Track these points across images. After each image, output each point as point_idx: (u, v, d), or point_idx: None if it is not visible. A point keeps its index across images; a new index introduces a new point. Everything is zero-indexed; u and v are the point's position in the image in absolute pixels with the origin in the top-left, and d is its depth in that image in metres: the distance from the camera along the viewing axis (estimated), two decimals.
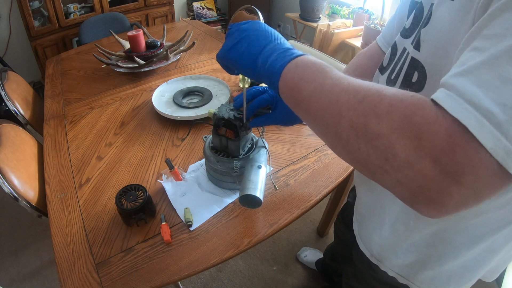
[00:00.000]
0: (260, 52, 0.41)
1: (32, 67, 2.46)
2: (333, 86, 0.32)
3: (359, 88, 0.30)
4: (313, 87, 0.34)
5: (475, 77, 0.24)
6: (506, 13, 0.24)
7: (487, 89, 0.23)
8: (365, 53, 0.63)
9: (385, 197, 0.51)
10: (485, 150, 0.23)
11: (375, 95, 0.28)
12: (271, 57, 0.40)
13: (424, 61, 0.38)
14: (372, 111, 0.27)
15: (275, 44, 0.41)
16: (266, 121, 0.59)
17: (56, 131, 1.00)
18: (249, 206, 0.66)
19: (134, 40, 1.26)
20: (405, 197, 0.28)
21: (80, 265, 0.62)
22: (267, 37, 0.42)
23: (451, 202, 0.25)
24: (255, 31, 0.43)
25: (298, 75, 0.36)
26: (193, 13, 3.14)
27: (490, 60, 0.24)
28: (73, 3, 2.32)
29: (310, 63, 0.36)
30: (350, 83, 0.31)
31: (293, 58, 0.38)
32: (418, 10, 0.43)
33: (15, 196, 0.76)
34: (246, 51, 0.42)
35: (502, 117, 0.22)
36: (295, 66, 0.37)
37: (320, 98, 0.33)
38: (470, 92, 0.24)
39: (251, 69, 0.43)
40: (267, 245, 1.48)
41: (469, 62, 0.25)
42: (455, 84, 0.25)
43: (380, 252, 0.56)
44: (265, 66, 0.40)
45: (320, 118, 0.33)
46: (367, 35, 2.06)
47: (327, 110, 0.32)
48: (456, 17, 0.33)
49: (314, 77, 0.34)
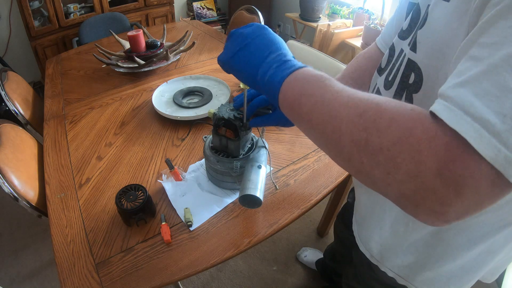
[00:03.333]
0: (260, 65, 0.40)
1: (32, 67, 2.46)
2: (332, 101, 0.32)
3: (358, 103, 0.30)
4: (314, 102, 0.33)
5: (473, 87, 0.24)
6: (503, 20, 0.24)
7: (485, 99, 0.23)
8: (364, 54, 0.63)
9: (384, 198, 0.51)
10: (485, 161, 0.23)
11: (375, 109, 0.28)
12: (270, 71, 0.39)
13: (420, 62, 0.38)
14: (373, 126, 0.28)
15: (275, 55, 0.40)
16: (266, 121, 0.58)
17: (56, 131, 1.00)
18: (249, 206, 0.66)
19: (134, 40, 1.26)
20: (408, 208, 0.28)
21: (80, 265, 0.62)
22: (268, 47, 0.41)
23: (452, 212, 0.25)
24: (257, 39, 0.42)
25: (298, 90, 0.35)
26: (193, 13, 3.14)
27: (488, 70, 0.24)
28: (73, 3, 2.32)
29: (309, 76, 0.36)
30: (350, 97, 0.31)
31: (292, 71, 0.37)
32: (415, 11, 0.43)
33: (15, 196, 0.76)
34: (247, 61, 0.42)
35: (501, 126, 0.22)
36: (294, 80, 0.36)
37: (320, 113, 0.32)
38: (468, 103, 0.24)
39: (252, 81, 0.42)
40: (267, 245, 1.48)
41: (467, 72, 0.25)
42: (453, 95, 0.25)
43: (379, 253, 0.56)
44: (264, 80, 0.40)
45: (321, 132, 0.33)
46: (367, 35, 2.06)
47: (328, 124, 0.32)
48: (452, 18, 0.33)
49: (313, 90, 0.34)
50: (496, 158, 0.22)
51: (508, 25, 0.24)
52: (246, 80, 0.43)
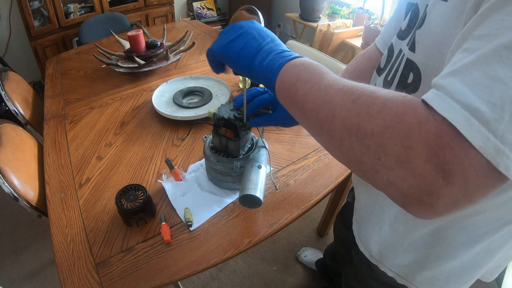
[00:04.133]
0: (258, 51, 0.41)
1: (32, 67, 2.46)
2: (328, 87, 0.32)
3: (353, 89, 0.30)
4: (309, 87, 0.34)
5: (464, 76, 0.24)
6: (496, 13, 0.24)
7: (475, 88, 0.23)
8: (364, 54, 0.63)
9: (383, 197, 0.51)
10: (474, 149, 0.23)
11: (369, 95, 0.29)
12: (269, 56, 0.40)
13: (419, 62, 0.39)
14: (365, 111, 0.28)
15: (273, 44, 0.41)
16: (266, 121, 0.59)
17: (56, 131, 1.00)
18: (249, 206, 0.66)
19: (134, 40, 1.26)
20: (396, 197, 0.28)
21: (80, 265, 0.62)
22: (265, 36, 0.42)
23: (441, 203, 0.25)
24: (253, 29, 0.43)
25: (295, 75, 0.36)
26: (193, 13, 3.14)
27: (479, 60, 0.24)
28: (73, 3, 2.32)
29: (307, 64, 0.37)
30: (346, 84, 0.31)
31: (291, 58, 0.38)
32: (413, 11, 0.43)
33: (15, 196, 0.76)
34: (244, 48, 0.42)
35: (491, 115, 0.22)
36: (293, 67, 0.37)
37: (315, 97, 0.33)
38: (458, 91, 0.24)
39: (247, 67, 0.43)
40: (267, 245, 1.48)
41: (459, 63, 0.25)
42: (444, 84, 0.25)
43: (379, 252, 0.56)
44: (262, 65, 0.40)
45: (315, 117, 0.33)
46: (367, 35, 2.06)
47: (321, 109, 0.32)
48: (450, 18, 0.33)
49: (310, 77, 0.35)
50: (484, 147, 0.22)
51: (501, 17, 0.24)
52: (241, 67, 0.43)
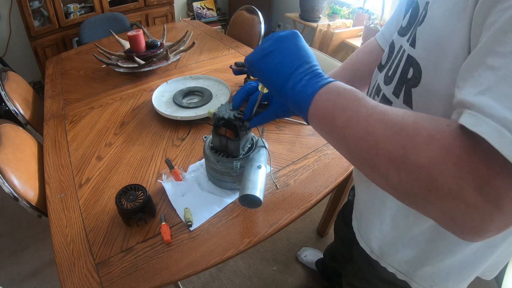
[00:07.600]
0: (291, 74, 0.39)
1: (32, 67, 2.46)
2: (368, 116, 0.31)
3: (394, 119, 0.30)
4: (348, 116, 0.33)
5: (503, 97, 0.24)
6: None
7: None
8: (364, 49, 0.63)
9: (384, 192, 0.52)
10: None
11: (412, 126, 0.28)
12: (302, 82, 0.38)
13: (419, 57, 0.39)
14: (411, 143, 0.27)
15: (308, 66, 0.39)
16: (266, 118, 0.56)
17: (56, 131, 1.00)
18: (249, 206, 0.66)
19: (134, 40, 1.26)
20: (448, 225, 0.28)
21: (80, 265, 0.62)
22: (301, 56, 0.40)
23: (493, 227, 0.25)
24: (291, 44, 0.40)
25: (331, 103, 0.35)
26: (193, 13, 3.14)
27: (506, 76, 0.24)
28: (73, 3, 2.32)
29: (342, 89, 0.35)
30: (386, 113, 0.31)
31: (324, 84, 0.36)
32: (414, 8, 0.44)
33: (15, 196, 0.76)
34: (277, 68, 0.40)
35: None
36: (327, 93, 0.36)
37: (356, 128, 0.32)
38: (501, 116, 0.23)
39: (278, 89, 0.40)
40: (267, 245, 1.48)
41: (487, 82, 0.25)
42: (484, 107, 0.24)
43: (380, 248, 0.56)
44: (294, 90, 0.38)
45: (356, 149, 0.32)
46: (367, 35, 2.06)
47: (364, 141, 0.31)
48: (451, 15, 0.34)
49: (348, 105, 0.33)
50: None
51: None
52: (271, 87, 0.41)
